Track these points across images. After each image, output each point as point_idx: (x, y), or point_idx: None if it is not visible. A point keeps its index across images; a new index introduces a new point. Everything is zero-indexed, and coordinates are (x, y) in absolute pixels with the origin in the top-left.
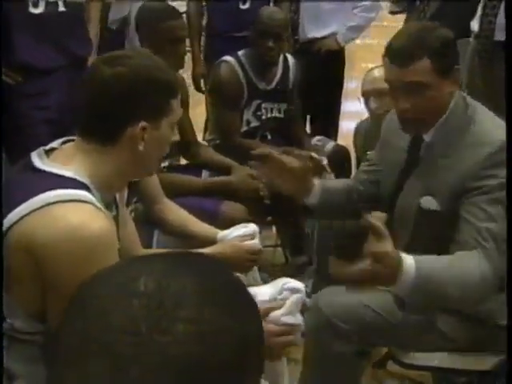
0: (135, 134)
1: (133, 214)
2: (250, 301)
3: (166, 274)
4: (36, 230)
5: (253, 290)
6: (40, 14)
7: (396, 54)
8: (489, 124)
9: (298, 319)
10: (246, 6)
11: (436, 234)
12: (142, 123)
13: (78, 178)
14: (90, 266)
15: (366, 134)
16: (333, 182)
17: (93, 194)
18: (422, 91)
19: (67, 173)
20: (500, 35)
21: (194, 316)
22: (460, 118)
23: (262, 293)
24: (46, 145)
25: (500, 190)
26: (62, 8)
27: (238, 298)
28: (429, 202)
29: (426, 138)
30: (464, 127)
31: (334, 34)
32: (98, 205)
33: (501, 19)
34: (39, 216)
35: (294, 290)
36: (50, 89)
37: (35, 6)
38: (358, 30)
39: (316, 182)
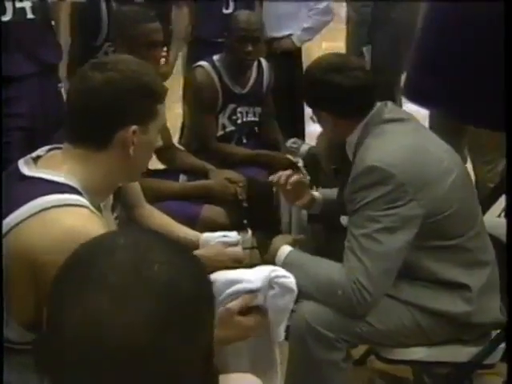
0: (126, 138)
1: (117, 221)
2: (195, 256)
3: (137, 235)
4: (32, 235)
5: (238, 276)
6: (8, 22)
7: None
8: (367, 149)
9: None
10: (230, 10)
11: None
12: (133, 127)
13: (69, 183)
14: None
15: (328, 147)
16: (332, 191)
17: (85, 199)
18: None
19: (58, 178)
20: None
21: (164, 259)
22: (359, 143)
23: (249, 280)
24: (18, 152)
25: (363, 211)
26: (30, 15)
27: (189, 251)
28: (344, 221)
29: (350, 158)
30: (357, 152)
31: (290, 35)
32: (93, 209)
33: None
34: (35, 222)
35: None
36: (21, 96)
37: (3, 13)
38: (312, 31)
39: (317, 194)
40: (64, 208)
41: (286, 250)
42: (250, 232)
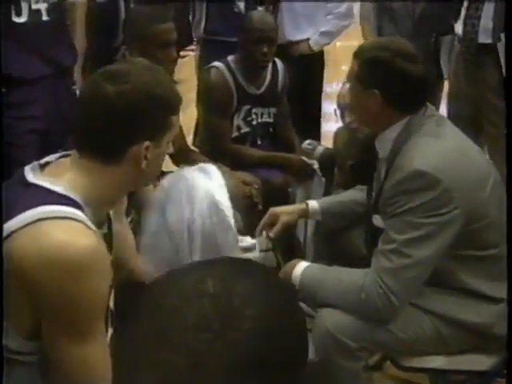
0: (139, 154)
1: (131, 225)
2: (298, 303)
3: (229, 276)
4: (24, 247)
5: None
6: (23, 23)
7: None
8: (413, 151)
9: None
10: (240, 8)
11: None
12: (146, 143)
13: (68, 194)
14: (78, 283)
15: (346, 143)
16: (334, 197)
17: (83, 211)
18: (351, 91)
19: (58, 188)
20: (483, 38)
21: (258, 314)
22: (401, 142)
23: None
24: (32, 155)
25: (405, 216)
26: (45, 17)
27: (293, 300)
28: (377, 221)
29: (380, 154)
30: (398, 151)
31: (308, 39)
32: (87, 222)
33: (484, 22)
34: (26, 233)
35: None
36: (35, 99)
37: (18, 14)
38: (329, 36)
39: (313, 204)
40: (55, 221)
41: (301, 265)
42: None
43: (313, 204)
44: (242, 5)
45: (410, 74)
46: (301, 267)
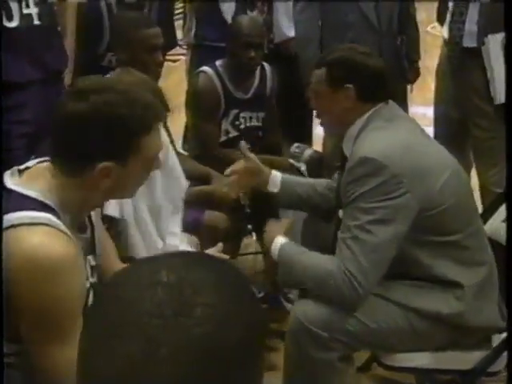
0: (95, 174)
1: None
2: (254, 293)
3: (183, 267)
4: None
5: None
6: (15, 28)
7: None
8: (360, 143)
9: None
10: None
11: None
12: (103, 164)
13: (42, 199)
14: (50, 288)
15: (334, 145)
16: (298, 177)
17: (58, 217)
18: (318, 96)
19: (33, 193)
20: (468, 42)
21: (210, 301)
22: (356, 136)
23: None
24: (21, 160)
25: (357, 202)
26: (36, 21)
27: (245, 289)
28: (341, 214)
29: (346, 153)
30: (354, 145)
31: None
32: (62, 227)
33: (468, 26)
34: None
35: None
36: (25, 103)
37: (10, 19)
38: None
39: (276, 173)
40: (28, 227)
41: (279, 241)
42: (254, 236)
43: (275, 174)
44: (229, 12)
45: (372, 66)
46: (279, 242)
